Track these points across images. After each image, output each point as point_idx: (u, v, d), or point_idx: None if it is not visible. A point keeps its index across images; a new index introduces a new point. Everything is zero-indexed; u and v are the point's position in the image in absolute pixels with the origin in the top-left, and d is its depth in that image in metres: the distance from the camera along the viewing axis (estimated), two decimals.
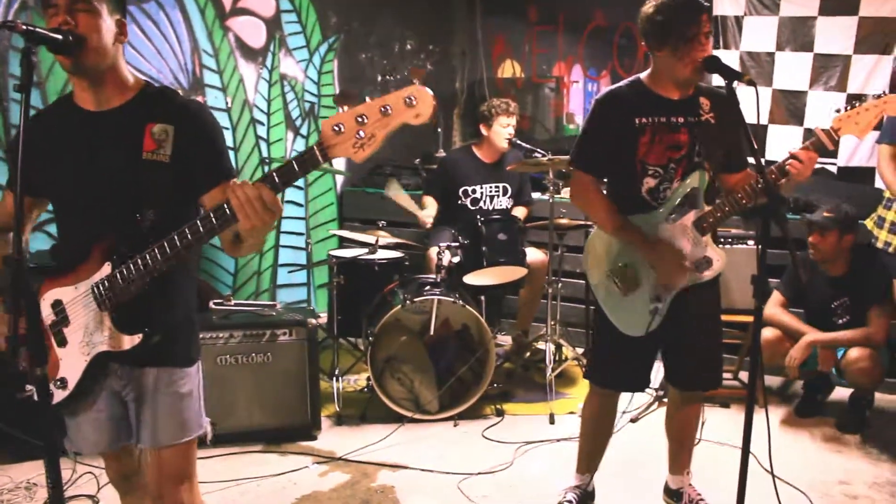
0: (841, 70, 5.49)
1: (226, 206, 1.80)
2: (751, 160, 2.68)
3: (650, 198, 2.81)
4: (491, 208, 5.07)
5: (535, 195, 5.45)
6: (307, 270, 5.76)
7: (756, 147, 2.39)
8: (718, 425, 4.05)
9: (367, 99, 1.71)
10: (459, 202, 5.07)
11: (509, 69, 7.28)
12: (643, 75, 2.83)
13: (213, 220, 1.84)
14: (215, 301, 4.11)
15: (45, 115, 2.17)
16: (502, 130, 4.99)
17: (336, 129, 1.69)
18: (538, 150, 4.98)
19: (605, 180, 2.97)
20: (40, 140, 2.06)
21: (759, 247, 2.35)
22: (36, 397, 2.06)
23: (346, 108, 1.70)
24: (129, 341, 2.03)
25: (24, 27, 1.76)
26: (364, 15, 6.20)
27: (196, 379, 2.22)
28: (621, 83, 2.87)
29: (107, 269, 2.00)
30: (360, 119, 1.68)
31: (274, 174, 1.76)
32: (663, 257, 2.78)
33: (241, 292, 5.33)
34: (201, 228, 1.86)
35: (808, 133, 5.63)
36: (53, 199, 2.18)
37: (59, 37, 1.87)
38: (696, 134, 2.76)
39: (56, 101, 2.20)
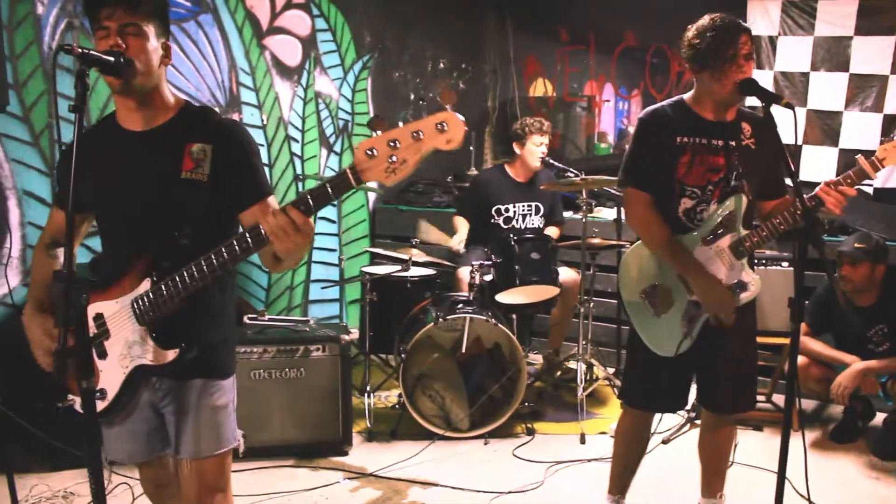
0: (878, 91, 5.46)
1: (261, 228, 1.86)
2: (788, 182, 2.67)
3: (686, 219, 2.80)
4: (523, 227, 5.08)
5: (568, 214, 5.45)
6: (339, 286, 5.80)
7: (794, 171, 2.39)
8: (751, 448, 4.01)
9: (400, 123, 1.75)
10: (492, 221, 5.08)
11: (541, 88, 7.31)
12: (686, 96, 2.83)
13: (249, 240, 1.90)
14: (249, 316, 4.17)
15: (89, 134, 2.23)
16: (535, 149, 5.01)
17: (369, 153, 1.72)
18: (571, 169, 4.99)
19: None
20: (85, 158, 2.11)
21: (797, 269, 2.34)
22: (78, 408, 2.13)
23: (379, 132, 1.73)
24: (168, 356, 2.07)
25: (80, 50, 1.82)
26: (398, 34, 6.28)
27: (231, 392, 2.27)
28: (664, 102, 2.87)
29: (146, 284, 2.05)
30: (392, 143, 1.71)
31: (307, 197, 1.81)
32: (711, 290, 2.75)
33: (273, 307, 5.38)
34: (237, 248, 1.92)
35: (844, 153, 5.59)
36: (97, 216, 2.25)
37: (112, 59, 1.93)
38: (736, 158, 2.75)
39: (100, 120, 2.27)
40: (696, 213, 2.80)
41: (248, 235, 1.90)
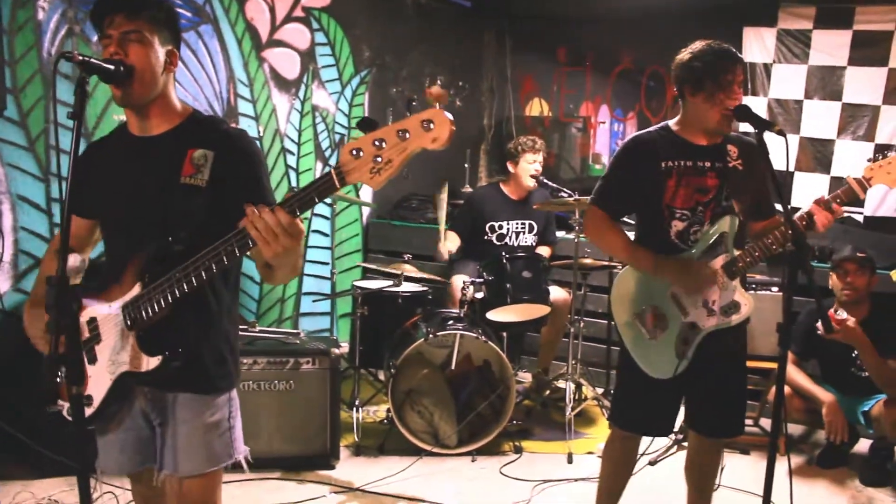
0: (870, 120, 5.52)
1: (245, 231, 1.79)
2: (778, 207, 2.70)
3: (679, 241, 2.83)
4: (516, 245, 5.10)
5: (560, 234, 5.47)
6: (331, 300, 5.80)
7: (783, 195, 2.42)
8: (738, 472, 4.01)
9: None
10: (485, 238, 5.10)
11: (537, 108, 7.35)
12: (671, 122, 2.87)
13: (234, 243, 1.84)
14: (239, 327, 4.15)
15: (103, 142, 2.25)
16: (528, 167, 5.04)
17: (354, 153, 1.66)
18: (564, 189, 5.02)
19: (635, 224, 3.01)
20: (95, 165, 2.12)
21: (785, 294, 2.36)
22: (67, 414, 2.11)
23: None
24: (149, 363, 2.02)
25: (81, 58, 1.84)
26: (396, 50, 6.32)
27: (225, 409, 2.20)
28: (650, 129, 2.91)
29: (137, 289, 2.03)
30: (377, 143, 1.64)
31: (291, 199, 1.75)
32: (685, 272, 2.78)
33: (264, 319, 5.38)
34: (221, 252, 1.86)
35: (835, 181, 5.64)
36: (100, 222, 2.25)
37: (111, 67, 1.94)
38: (724, 179, 2.78)
39: (114, 129, 2.27)
40: (688, 235, 2.82)
41: (232, 239, 1.84)
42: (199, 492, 2.18)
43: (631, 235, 2.97)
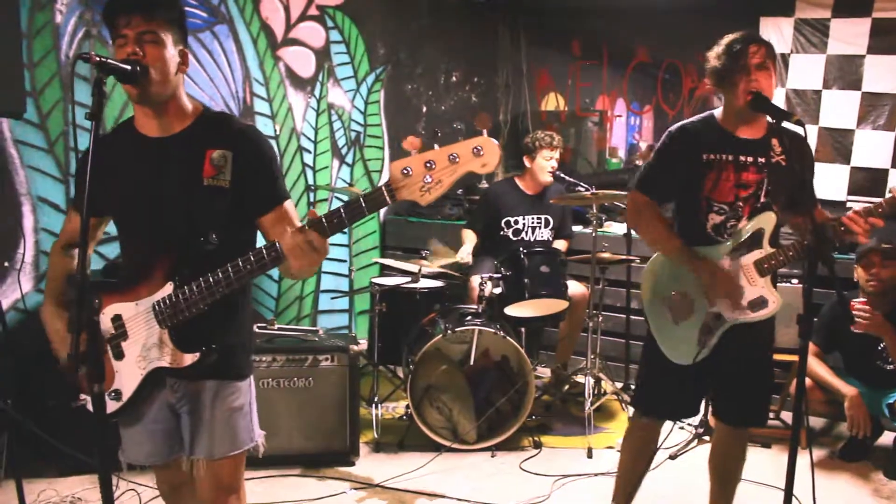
0: (890, 109, 5.45)
1: (278, 245, 1.91)
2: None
3: (715, 234, 2.82)
4: (532, 239, 5.09)
5: (578, 228, 5.46)
6: (349, 297, 5.82)
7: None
8: (759, 466, 3.98)
9: (436, 146, 1.80)
10: (501, 233, 5.09)
11: (553, 102, 7.32)
12: (717, 112, 2.85)
13: (266, 256, 1.95)
14: (259, 325, 4.18)
15: (108, 139, 2.26)
16: (545, 163, 5.02)
17: (405, 172, 1.77)
18: (581, 183, 5.00)
19: (673, 213, 2.99)
20: (103, 162, 2.14)
21: (806, 286, 2.34)
22: (90, 407, 2.15)
23: (414, 152, 1.77)
24: (187, 359, 2.10)
25: (98, 59, 1.85)
26: (411, 47, 6.32)
27: (248, 394, 2.29)
28: (694, 118, 2.89)
29: (168, 288, 2.08)
30: (428, 164, 1.77)
31: (334, 216, 1.85)
32: (716, 278, 2.77)
33: (283, 316, 5.40)
34: (255, 263, 1.97)
35: (855, 172, 5.59)
36: (116, 220, 2.27)
37: (128, 67, 1.96)
38: (766, 175, 2.76)
39: (118, 125, 2.29)
40: (725, 229, 2.81)
41: (265, 252, 1.94)
42: (229, 473, 2.27)
43: None
